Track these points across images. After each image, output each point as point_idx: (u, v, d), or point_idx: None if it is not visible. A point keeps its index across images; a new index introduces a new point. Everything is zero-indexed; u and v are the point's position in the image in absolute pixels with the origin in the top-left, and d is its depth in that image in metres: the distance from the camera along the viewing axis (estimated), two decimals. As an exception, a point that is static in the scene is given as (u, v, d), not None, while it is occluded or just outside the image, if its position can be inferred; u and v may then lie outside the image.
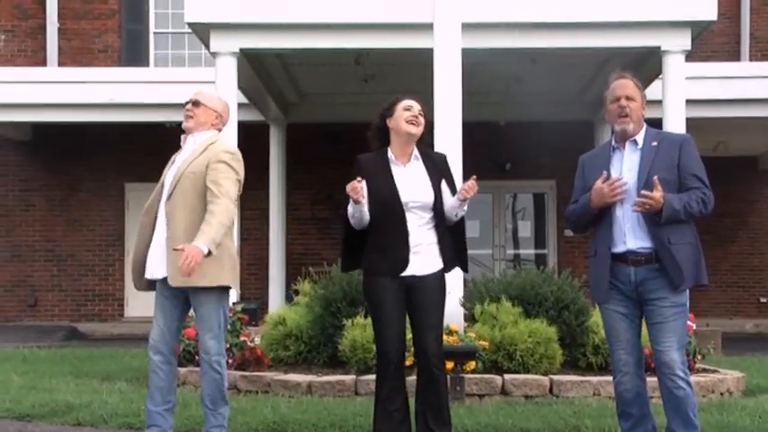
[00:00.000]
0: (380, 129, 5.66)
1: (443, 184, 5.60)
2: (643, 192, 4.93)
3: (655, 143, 5.15)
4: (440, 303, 5.59)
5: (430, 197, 5.51)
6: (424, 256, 5.51)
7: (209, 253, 5.25)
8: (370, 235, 5.55)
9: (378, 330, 5.56)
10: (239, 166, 5.61)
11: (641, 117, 5.22)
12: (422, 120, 5.59)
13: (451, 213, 5.57)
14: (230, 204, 5.46)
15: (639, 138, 5.19)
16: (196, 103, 5.71)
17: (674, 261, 4.99)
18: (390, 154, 5.60)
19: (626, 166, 5.16)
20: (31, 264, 17.88)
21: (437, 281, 5.56)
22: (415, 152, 5.62)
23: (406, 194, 5.49)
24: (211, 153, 5.55)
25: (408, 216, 5.49)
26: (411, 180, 5.54)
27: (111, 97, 15.29)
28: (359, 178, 5.37)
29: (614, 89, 5.22)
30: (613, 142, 5.27)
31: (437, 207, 5.52)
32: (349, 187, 5.33)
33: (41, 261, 17.88)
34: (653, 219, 5.00)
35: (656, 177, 4.94)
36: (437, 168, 5.62)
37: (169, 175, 5.63)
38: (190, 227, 5.41)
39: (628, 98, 5.16)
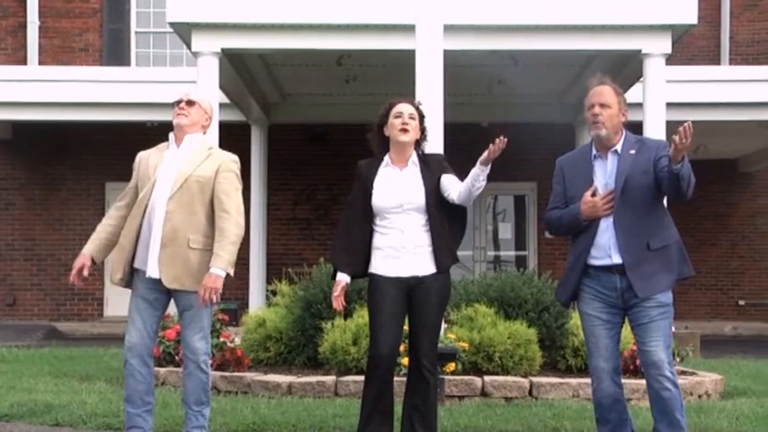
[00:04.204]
0: (381, 136, 5.70)
1: (445, 179, 5.57)
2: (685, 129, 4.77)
3: (632, 151, 5.13)
4: (438, 306, 5.61)
5: (421, 199, 5.53)
6: (422, 258, 5.54)
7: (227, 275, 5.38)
8: (373, 237, 5.61)
9: (372, 332, 5.58)
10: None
11: (618, 124, 5.16)
12: (413, 124, 5.60)
13: (472, 187, 5.41)
14: (240, 219, 5.51)
15: (619, 146, 5.16)
16: (190, 103, 5.68)
17: (642, 277, 4.99)
18: (388, 159, 5.65)
19: (610, 177, 5.12)
20: (11, 263, 17.78)
21: (437, 283, 5.57)
22: (414, 157, 5.65)
23: (400, 197, 5.54)
24: (219, 160, 5.59)
25: (405, 218, 5.53)
26: (406, 183, 5.58)
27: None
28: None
29: (590, 96, 5.19)
30: (594, 150, 5.22)
31: (431, 209, 5.53)
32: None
33: (20, 260, 17.79)
34: (634, 230, 5.01)
35: (688, 124, 4.80)
36: (431, 170, 5.62)
37: (166, 172, 5.54)
38: (189, 229, 5.45)
39: (602, 105, 5.12)
